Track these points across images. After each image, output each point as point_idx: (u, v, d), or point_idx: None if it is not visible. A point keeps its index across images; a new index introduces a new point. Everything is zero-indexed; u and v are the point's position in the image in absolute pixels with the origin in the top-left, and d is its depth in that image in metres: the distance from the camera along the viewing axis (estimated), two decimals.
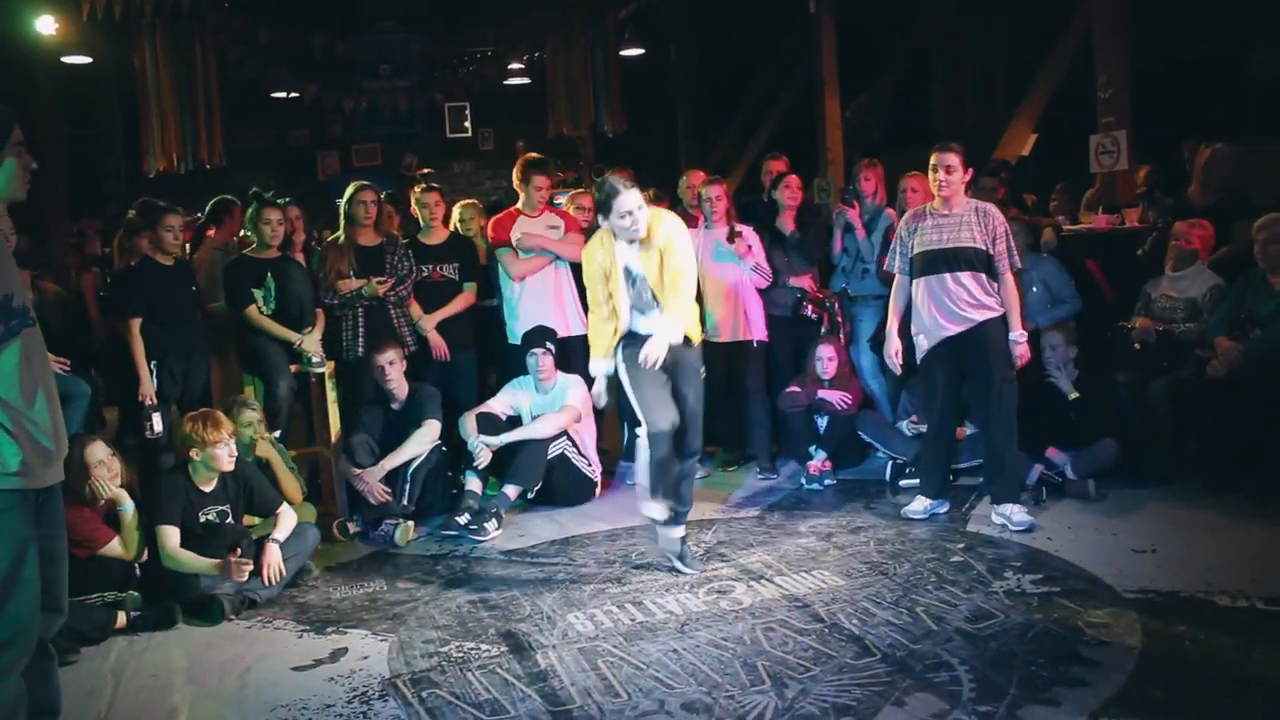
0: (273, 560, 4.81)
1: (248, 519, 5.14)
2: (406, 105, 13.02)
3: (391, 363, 5.94)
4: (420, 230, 6.74)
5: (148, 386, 5.76)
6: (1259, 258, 5.53)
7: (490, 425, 5.98)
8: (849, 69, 10.15)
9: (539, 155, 6.78)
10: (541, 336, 6.14)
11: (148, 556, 4.76)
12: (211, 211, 7.48)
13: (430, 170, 13.66)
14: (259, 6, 11.17)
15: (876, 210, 6.79)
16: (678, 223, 4.80)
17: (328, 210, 9.79)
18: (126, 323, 5.75)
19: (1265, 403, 5.21)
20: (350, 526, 5.71)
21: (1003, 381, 5.18)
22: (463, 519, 5.57)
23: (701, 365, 4.93)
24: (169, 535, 4.71)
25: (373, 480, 5.68)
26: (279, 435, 5.86)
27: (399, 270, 6.36)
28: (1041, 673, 3.55)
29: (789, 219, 6.68)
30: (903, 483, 6.00)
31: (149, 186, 10.16)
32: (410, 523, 5.68)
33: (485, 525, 5.54)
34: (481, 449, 5.84)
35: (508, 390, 6.26)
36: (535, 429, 5.97)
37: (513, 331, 6.50)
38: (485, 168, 15.44)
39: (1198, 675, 3.51)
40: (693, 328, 4.80)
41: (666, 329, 4.62)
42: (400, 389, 5.99)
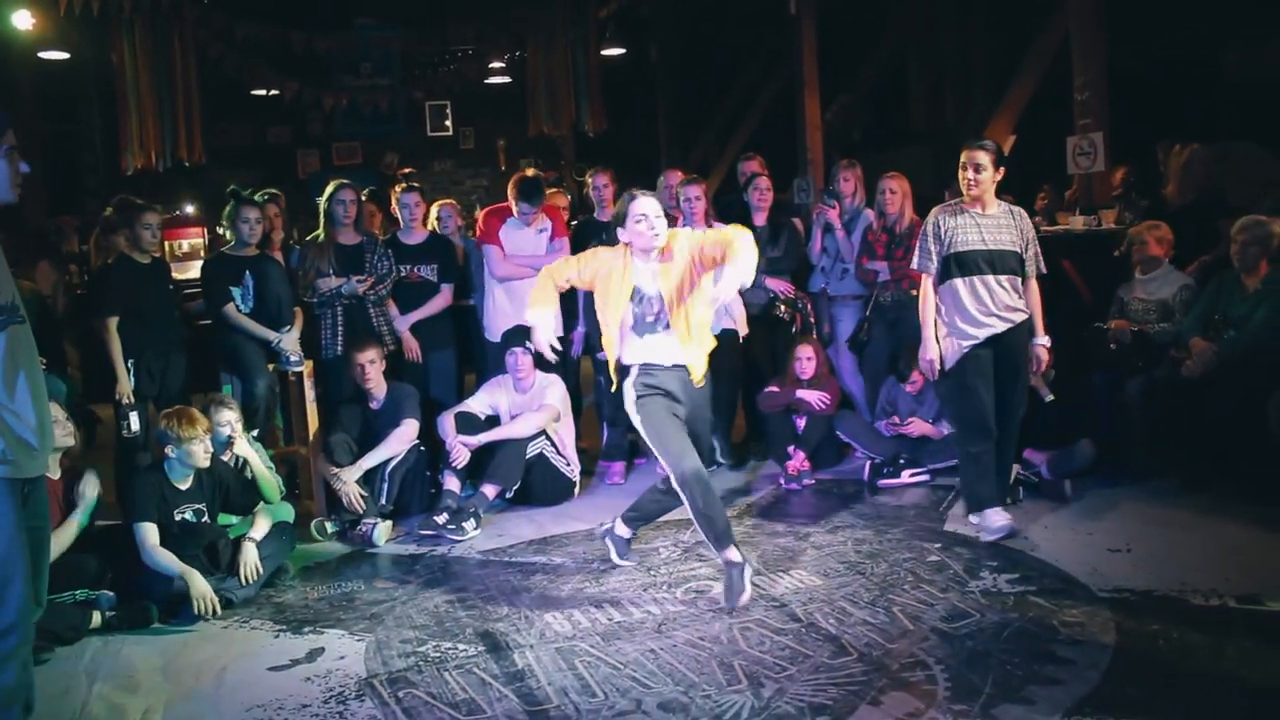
0: (249, 559, 4.79)
1: (225, 519, 5.12)
2: (387, 103, 12.98)
3: (372, 361, 5.92)
4: (400, 230, 6.72)
5: (125, 385, 5.72)
6: (1235, 259, 5.58)
7: (469, 425, 5.96)
8: (829, 69, 10.17)
9: (533, 176, 6.65)
10: (521, 336, 6.11)
11: (123, 555, 4.73)
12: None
13: (411, 169, 13.65)
14: (238, 3, 11.11)
15: (855, 210, 6.85)
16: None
17: (308, 209, 9.75)
18: (103, 321, 5.72)
19: (1238, 403, 5.27)
20: (328, 526, 5.69)
21: (1024, 388, 5.15)
22: (441, 519, 5.55)
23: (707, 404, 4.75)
24: (149, 532, 4.67)
25: (350, 481, 5.66)
26: (256, 434, 5.85)
27: (379, 269, 6.34)
28: (1017, 671, 3.57)
29: (759, 219, 6.71)
30: (880, 482, 6.04)
31: (127, 184, 10.10)
32: (388, 522, 5.67)
33: (463, 525, 5.53)
34: (460, 448, 5.84)
35: (486, 389, 6.25)
36: (514, 428, 5.96)
37: (491, 328, 6.49)
38: (466, 166, 15.46)
39: (1171, 673, 3.53)
40: (700, 366, 4.56)
41: (740, 270, 4.17)
42: (379, 388, 5.98)
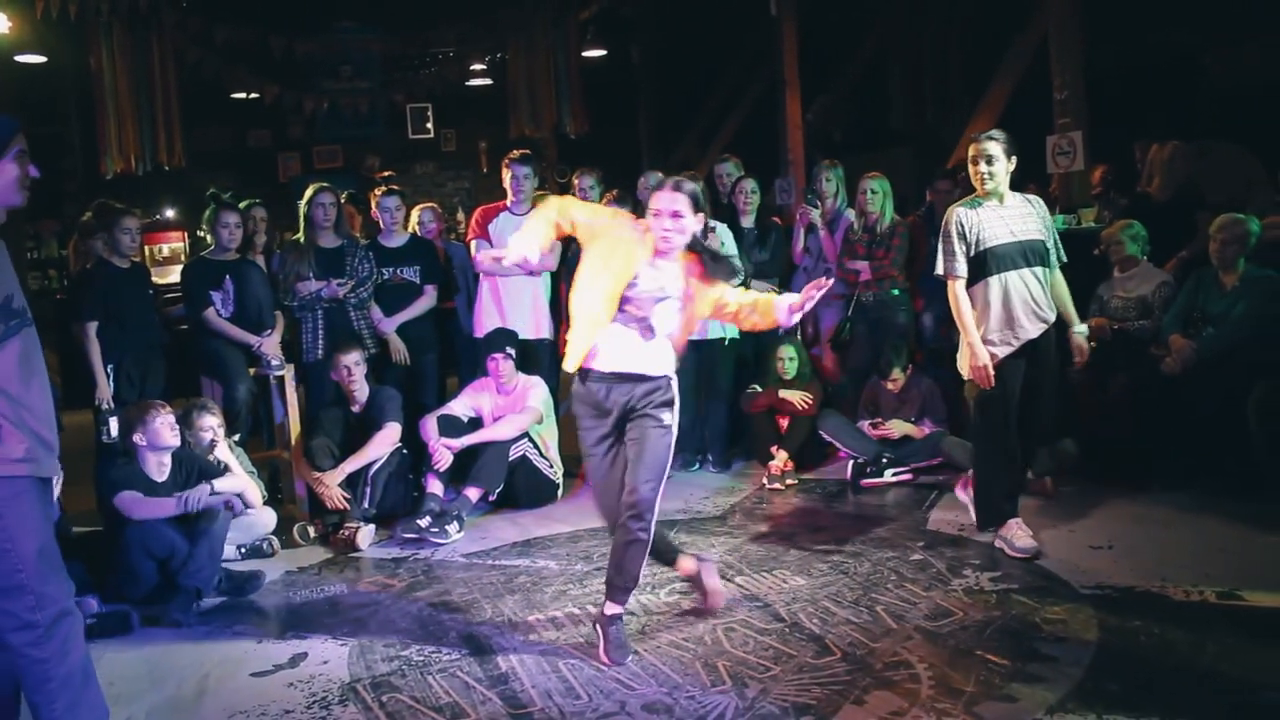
0: (196, 492, 4.87)
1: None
2: (368, 106, 12.95)
3: (356, 364, 5.91)
4: (380, 232, 6.70)
5: (104, 390, 5.69)
6: (1214, 257, 5.60)
7: (451, 427, 5.95)
8: (810, 70, 10.21)
9: (526, 150, 6.72)
10: (502, 341, 6.11)
11: (103, 561, 4.70)
12: None
13: (392, 172, 13.60)
14: (217, 6, 11.06)
15: (836, 211, 6.87)
16: None
17: (289, 212, 9.72)
18: (82, 326, 5.69)
19: (1218, 400, 5.29)
20: (310, 530, 5.68)
21: (1056, 387, 4.90)
22: (424, 522, 5.54)
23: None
24: (132, 497, 4.75)
25: (332, 484, 5.64)
26: (238, 439, 5.83)
27: (359, 272, 6.32)
28: (999, 669, 3.58)
29: (746, 222, 6.81)
30: (863, 482, 6.05)
31: (106, 188, 10.05)
32: (371, 526, 5.65)
33: (447, 528, 5.51)
34: (443, 451, 5.83)
35: (468, 392, 6.23)
36: (497, 431, 5.95)
37: (476, 327, 6.47)
38: (448, 169, 15.42)
39: (1153, 669, 3.55)
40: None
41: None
42: (362, 392, 5.96)
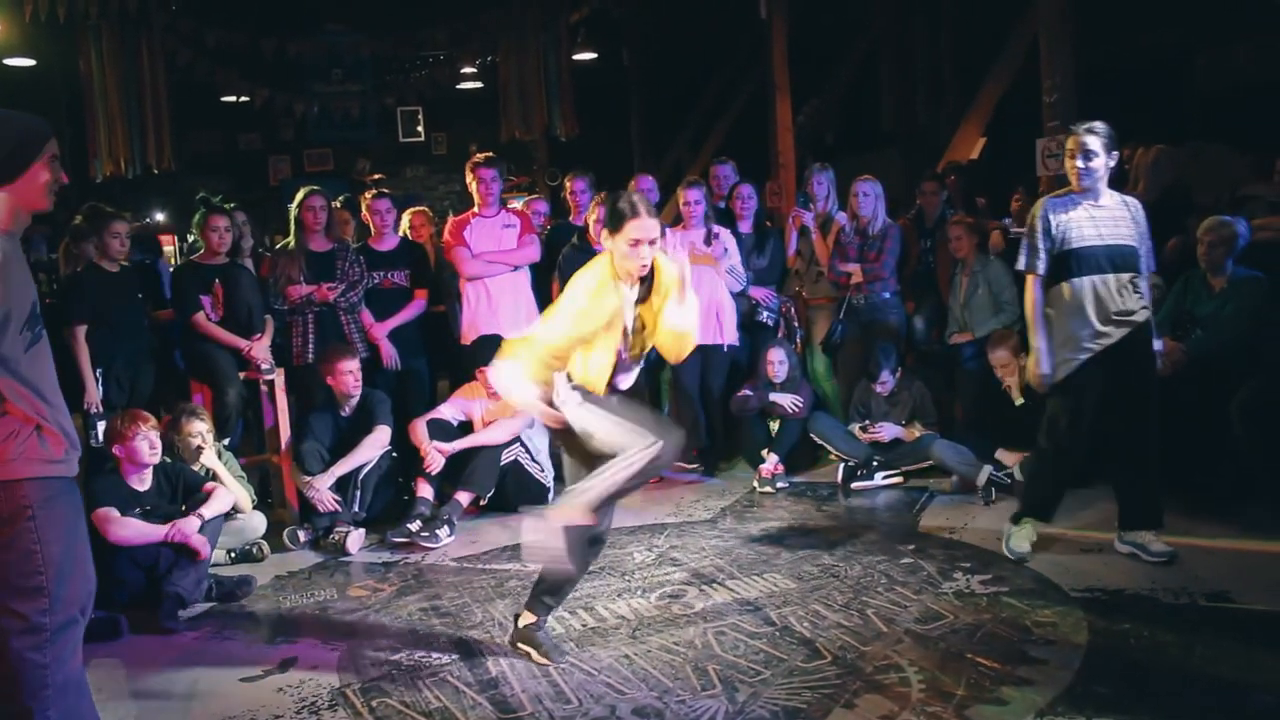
0: (185, 527, 4.80)
1: None
2: (359, 109, 12.95)
3: (351, 371, 5.90)
4: (371, 236, 6.70)
5: (93, 394, 5.68)
6: (1201, 260, 5.60)
7: (441, 432, 5.94)
8: (800, 73, 10.21)
9: (489, 153, 6.73)
10: (493, 347, 6.07)
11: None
12: None
13: (383, 175, 13.60)
14: (207, 9, 11.03)
15: (827, 214, 6.89)
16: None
17: (280, 215, 9.71)
18: (71, 329, 5.67)
19: (1206, 402, 5.30)
20: (301, 534, 5.66)
21: (1154, 394, 4.63)
22: (414, 526, 5.53)
23: None
24: (108, 516, 4.71)
25: (322, 488, 5.63)
26: (229, 443, 5.81)
27: (350, 276, 6.31)
28: (990, 672, 3.58)
29: (744, 228, 6.84)
30: (854, 485, 6.06)
31: (96, 191, 10.02)
32: (361, 530, 5.64)
33: (437, 532, 5.50)
34: (435, 455, 5.82)
35: (459, 396, 6.23)
36: (488, 435, 5.94)
37: (465, 331, 6.46)
38: (438, 172, 15.41)
39: (1142, 671, 3.55)
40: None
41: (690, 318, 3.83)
42: (354, 396, 5.95)
